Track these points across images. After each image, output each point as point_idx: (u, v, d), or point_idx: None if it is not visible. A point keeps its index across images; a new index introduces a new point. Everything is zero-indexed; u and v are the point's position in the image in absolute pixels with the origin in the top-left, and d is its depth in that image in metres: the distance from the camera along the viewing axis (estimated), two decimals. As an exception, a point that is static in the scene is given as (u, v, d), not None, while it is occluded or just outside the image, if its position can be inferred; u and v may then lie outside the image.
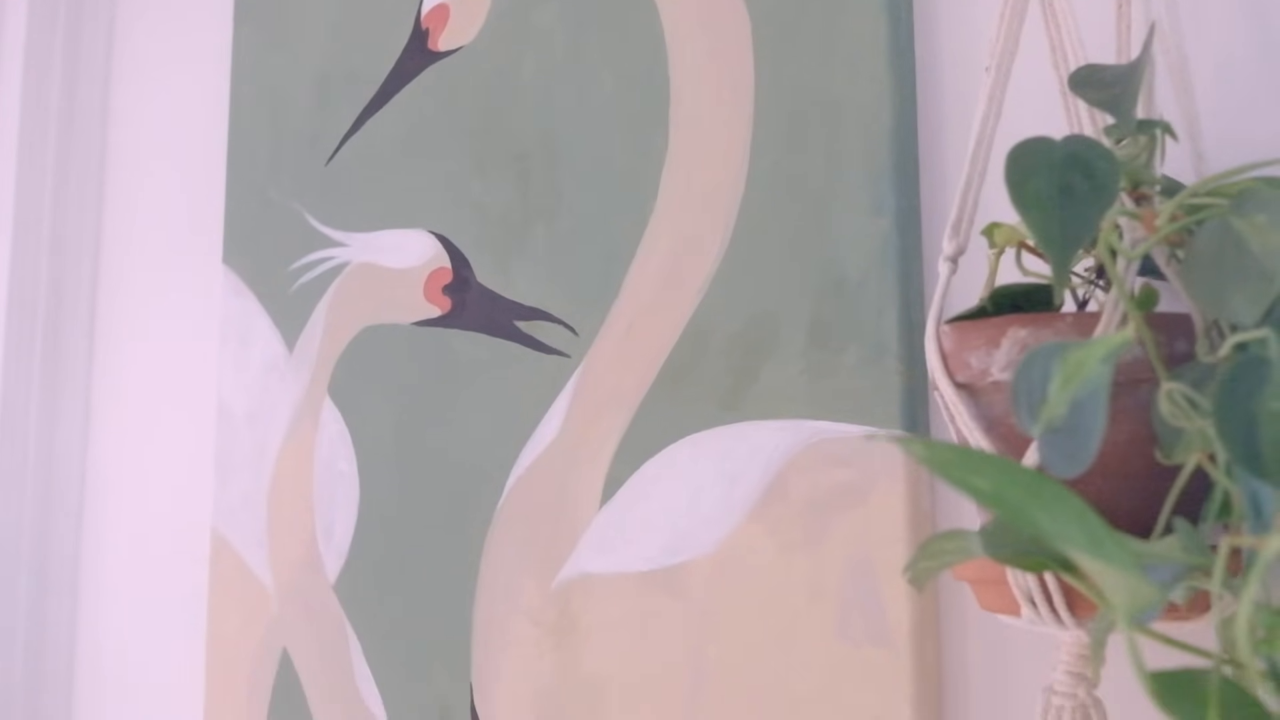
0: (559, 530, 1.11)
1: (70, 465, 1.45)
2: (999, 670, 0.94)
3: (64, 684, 1.42)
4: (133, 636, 1.40)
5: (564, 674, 1.09)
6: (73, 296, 1.48)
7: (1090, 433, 0.63)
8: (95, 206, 1.51)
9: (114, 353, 1.46)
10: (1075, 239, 0.71)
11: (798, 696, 0.98)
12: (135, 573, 1.41)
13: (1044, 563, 0.70)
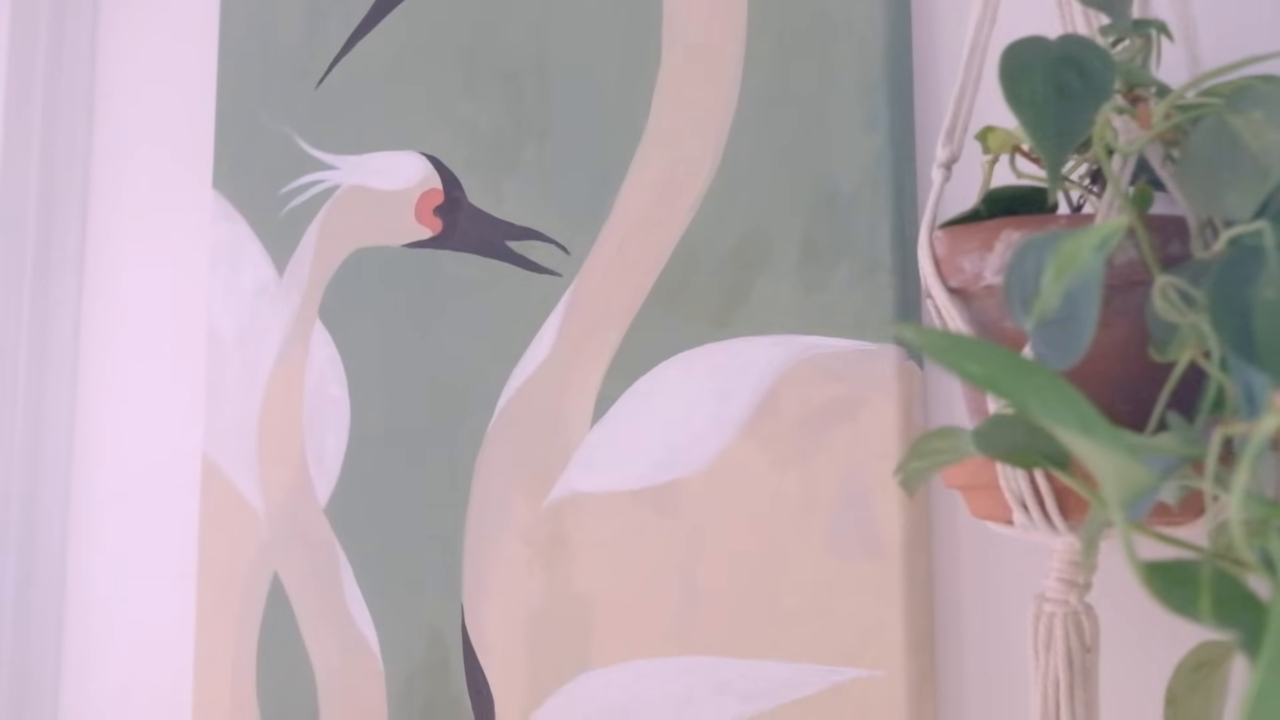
0: (550, 449, 1.11)
1: (60, 392, 1.45)
2: (990, 581, 0.94)
3: (54, 610, 1.42)
4: (123, 562, 1.39)
5: (554, 592, 1.09)
6: (62, 222, 1.47)
7: (1083, 323, 0.62)
8: (85, 132, 1.50)
9: (104, 279, 1.46)
10: (1069, 137, 0.71)
11: (789, 610, 0.98)
12: (126, 499, 1.41)
13: (1036, 460, 0.69)
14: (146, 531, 1.39)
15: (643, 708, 1.03)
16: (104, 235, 1.47)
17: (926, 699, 0.94)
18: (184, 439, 1.36)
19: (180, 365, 1.38)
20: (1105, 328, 0.76)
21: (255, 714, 1.24)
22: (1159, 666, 0.77)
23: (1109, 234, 0.60)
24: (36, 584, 1.42)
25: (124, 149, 1.47)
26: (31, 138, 1.47)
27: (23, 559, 1.41)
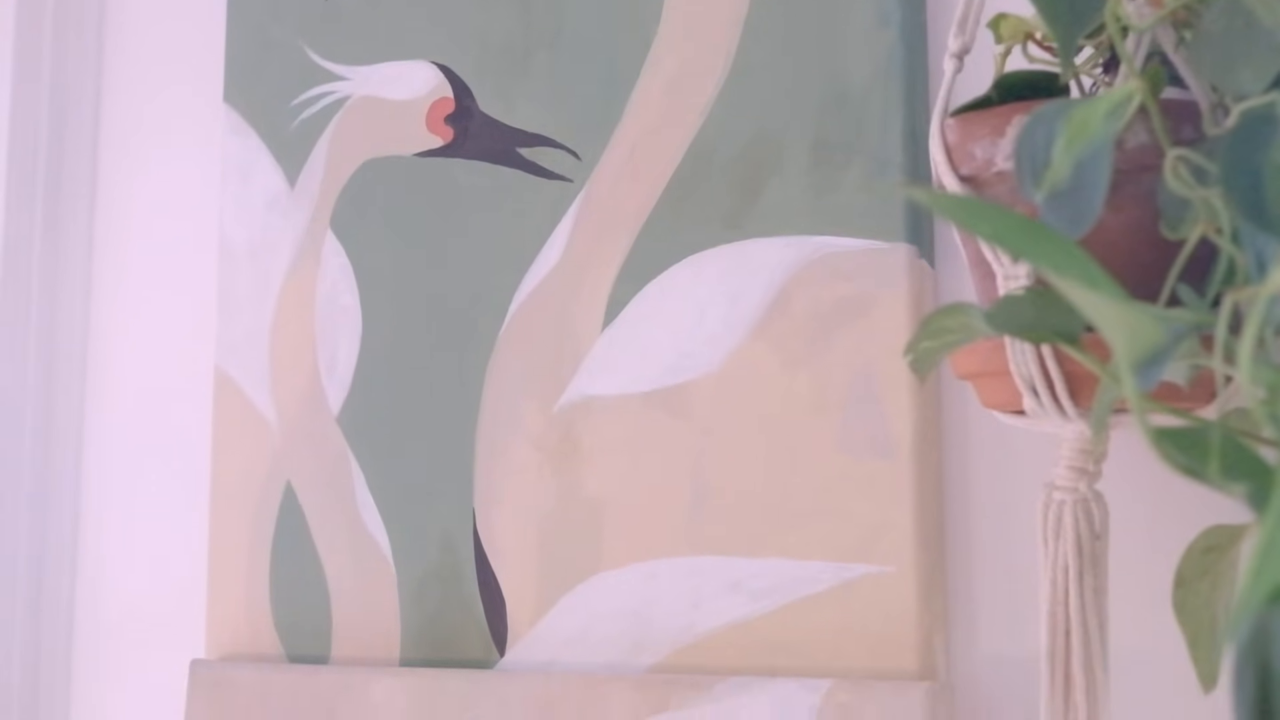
0: (561, 354, 1.11)
1: (74, 308, 1.45)
2: (1001, 476, 0.94)
3: (69, 525, 1.42)
4: (137, 475, 1.40)
5: (566, 496, 1.09)
6: (74, 141, 1.47)
7: (1094, 192, 0.62)
8: (95, 50, 1.50)
9: (116, 195, 1.46)
10: (1083, 16, 0.70)
11: (799, 510, 0.98)
12: (139, 412, 1.41)
13: (1047, 336, 0.69)
14: (160, 444, 1.39)
15: (654, 608, 1.04)
16: (115, 153, 1.47)
17: (936, 593, 0.94)
18: (196, 352, 1.37)
19: (192, 279, 1.38)
20: (1116, 212, 0.76)
21: (269, 623, 1.25)
22: (1168, 553, 0.78)
23: (1120, 100, 0.60)
24: (51, 498, 1.43)
25: (135, 66, 1.47)
26: (42, 54, 1.47)
27: (37, 474, 1.42)
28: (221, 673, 1.25)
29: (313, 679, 1.19)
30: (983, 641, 0.93)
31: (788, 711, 0.94)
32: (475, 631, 1.13)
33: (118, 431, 1.43)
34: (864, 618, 0.95)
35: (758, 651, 0.99)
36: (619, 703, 1.02)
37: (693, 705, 0.99)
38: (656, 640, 1.04)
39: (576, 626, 1.08)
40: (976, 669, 0.93)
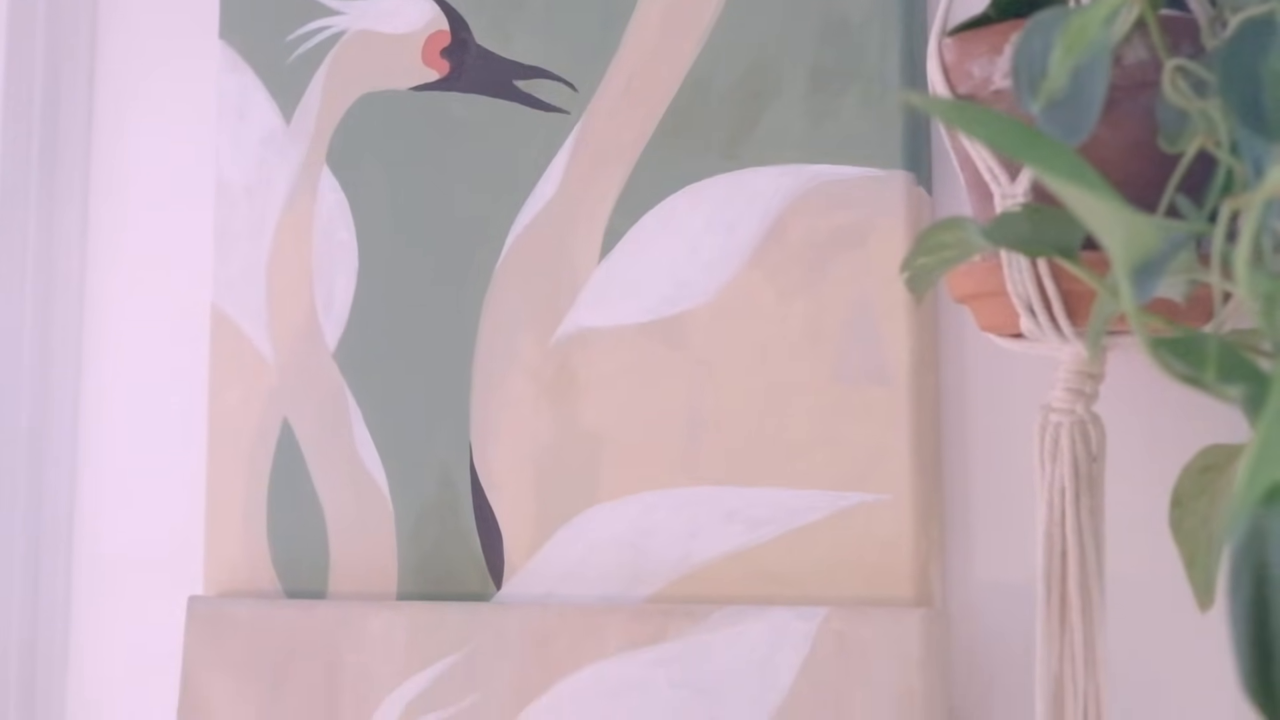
0: (557, 286, 1.11)
1: (70, 246, 1.44)
2: (997, 403, 0.94)
3: (67, 465, 1.42)
4: (135, 415, 1.40)
5: (562, 429, 1.09)
6: (70, 79, 1.47)
7: (1091, 99, 0.62)
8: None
9: (110, 135, 1.45)
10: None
11: (795, 439, 0.98)
12: (137, 352, 1.41)
13: (1044, 250, 0.69)
14: (157, 383, 1.39)
15: (650, 539, 1.04)
16: (111, 92, 1.46)
17: (932, 520, 0.94)
18: (193, 290, 1.36)
19: (188, 217, 1.38)
20: (1114, 130, 0.76)
21: (267, 559, 1.25)
22: (1165, 475, 0.77)
23: (1118, 4, 0.60)
24: (48, 437, 1.43)
25: (131, 3, 1.46)
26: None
27: (35, 413, 1.42)
28: (219, 609, 1.25)
29: (310, 613, 1.19)
30: (979, 568, 0.93)
31: (784, 639, 0.94)
32: (472, 565, 1.13)
33: (115, 371, 1.42)
34: (860, 546, 0.95)
35: (754, 581, 0.99)
36: (615, 633, 1.02)
37: (689, 634, 0.99)
38: (653, 571, 1.04)
39: (573, 559, 1.08)
40: (973, 595, 0.93)
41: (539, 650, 1.06)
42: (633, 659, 1.01)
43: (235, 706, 1.22)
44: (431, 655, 1.11)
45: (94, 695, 1.40)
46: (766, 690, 0.94)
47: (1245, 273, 0.54)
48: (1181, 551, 0.76)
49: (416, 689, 1.12)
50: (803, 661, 0.93)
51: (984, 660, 0.92)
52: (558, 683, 1.04)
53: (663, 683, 0.99)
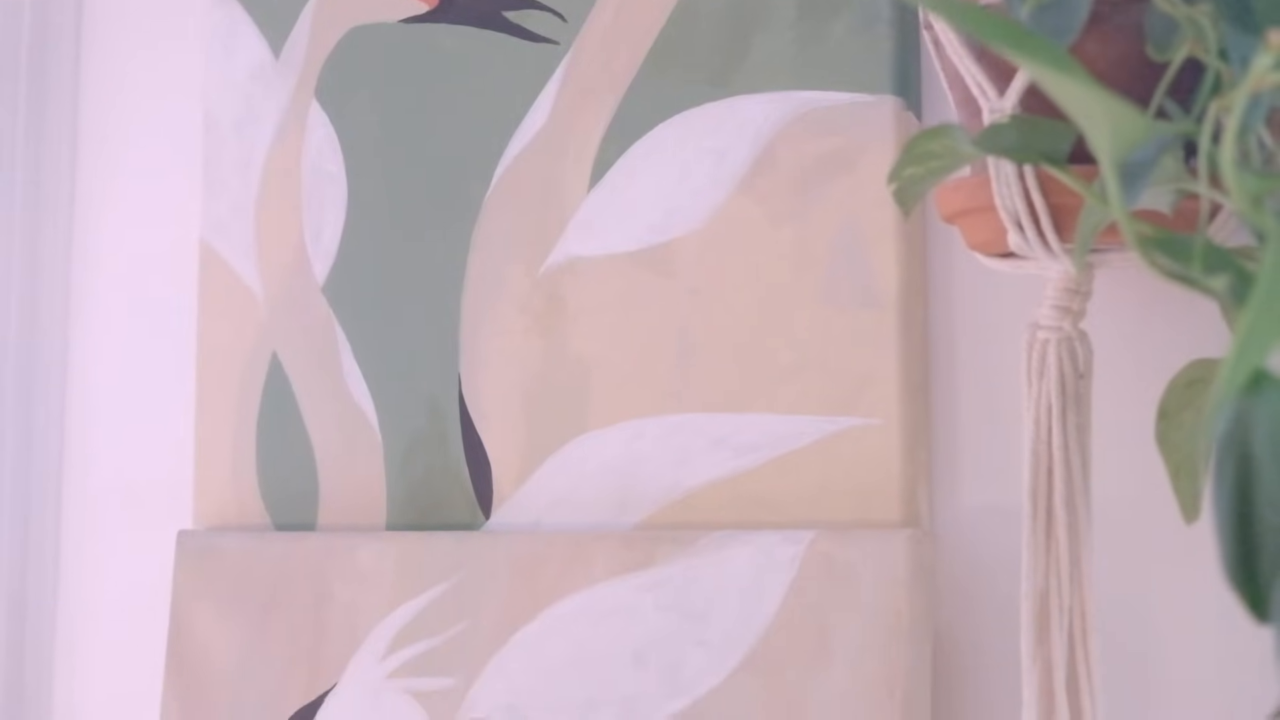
0: (547, 217, 1.11)
1: (59, 185, 1.44)
2: (986, 329, 0.94)
3: (56, 403, 1.42)
4: (124, 353, 1.40)
5: (551, 358, 1.09)
6: (57, 16, 1.46)
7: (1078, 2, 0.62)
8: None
9: (99, 69, 1.44)
10: None
11: (784, 364, 0.98)
12: (125, 290, 1.41)
13: (1032, 157, 0.69)
14: (146, 319, 1.39)
15: (639, 466, 1.04)
16: (99, 29, 1.45)
17: (921, 444, 0.94)
18: (182, 227, 1.36)
19: (177, 154, 1.37)
20: (1102, 44, 0.76)
21: (255, 493, 1.25)
22: (1151, 393, 0.78)
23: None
24: (38, 374, 1.42)
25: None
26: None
27: (24, 350, 1.42)
28: (208, 542, 1.25)
29: (299, 545, 1.19)
30: (967, 492, 0.94)
31: (771, 563, 0.94)
32: (461, 496, 1.13)
33: (104, 307, 1.42)
34: (848, 471, 0.95)
35: (743, 507, 0.99)
36: (604, 559, 1.02)
37: (676, 560, 0.99)
38: (642, 499, 1.04)
39: (562, 487, 1.08)
40: (960, 519, 0.94)
41: (527, 577, 1.06)
42: (621, 584, 1.01)
43: (224, 638, 1.22)
44: (420, 584, 1.12)
45: (83, 630, 1.40)
46: (753, 613, 0.95)
47: (1231, 170, 0.54)
48: (1168, 464, 0.76)
49: (405, 618, 1.12)
50: (790, 584, 0.94)
51: (971, 582, 0.93)
52: (546, 609, 1.04)
53: (650, 607, 0.99)
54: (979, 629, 0.92)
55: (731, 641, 0.95)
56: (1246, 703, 0.79)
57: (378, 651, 1.13)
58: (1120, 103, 0.53)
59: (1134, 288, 0.86)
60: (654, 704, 0.98)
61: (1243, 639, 0.83)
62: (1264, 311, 0.49)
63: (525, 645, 1.05)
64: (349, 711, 1.14)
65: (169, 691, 1.24)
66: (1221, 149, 0.54)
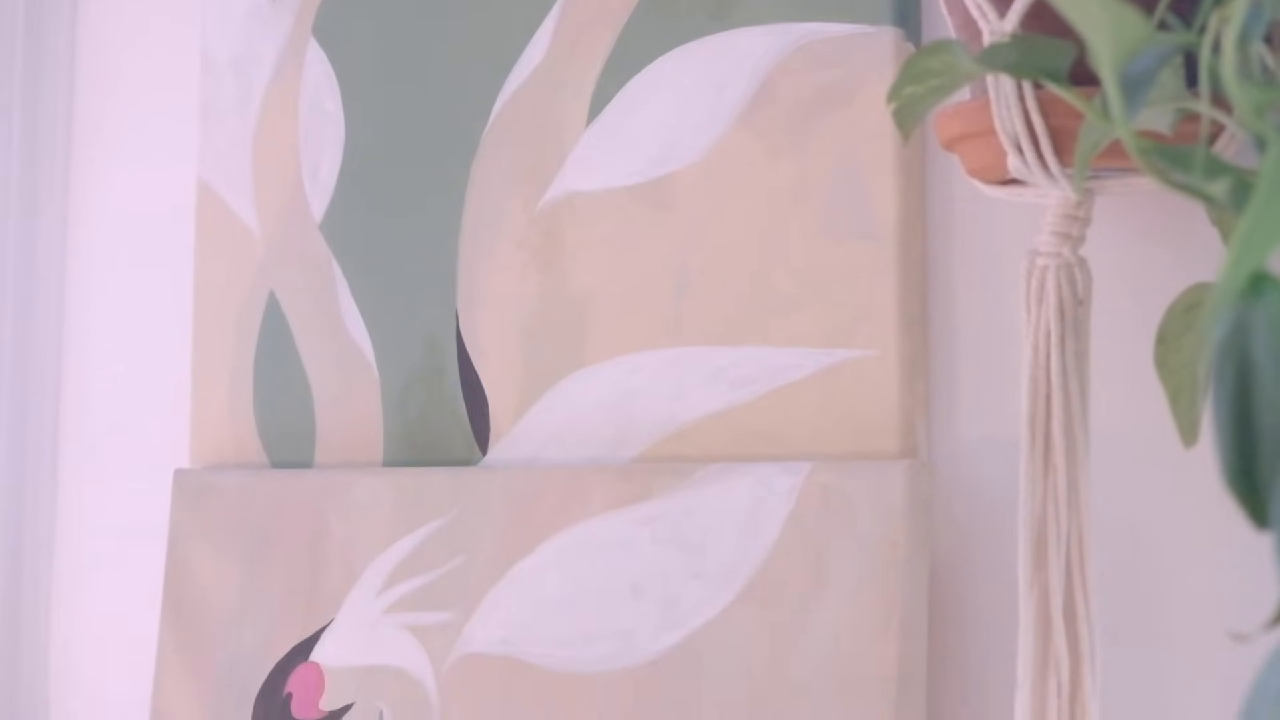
0: (545, 152, 1.10)
1: (56, 122, 1.43)
2: (985, 260, 0.94)
3: (52, 344, 1.42)
4: (120, 293, 1.40)
5: (549, 294, 1.09)
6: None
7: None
8: None
9: (96, 6, 1.44)
10: None
11: (782, 297, 0.98)
12: (122, 226, 1.40)
13: (1033, 72, 0.69)
14: (143, 257, 1.39)
15: (635, 400, 1.04)
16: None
17: (919, 376, 0.94)
18: (179, 165, 1.35)
19: (174, 91, 1.37)
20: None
21: (253, 432, 1.25)
22: (1151, 321, 0.77)
23: None
24: (35, 311, 1.42)
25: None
26: None
27: (19, 288, 1.41)
28: (204, 480, 1.25)
29: (296, 482, 1.19)
30: (965, 423, 0.94)
31: (768, 494, 0.94)
32: (458, 432, 1.13)
33: (100, 246, 1.42)
34: (846, 403, 0.95)
35: (740, 440, 0.99)
36: (601, 493, 1.02)
37: (673, 492, 0.99)
38: (638, 433, 1.04)
39: (559, 423, 1.08)
40: (958, 450, 0.94)
41: (524, 512, 1.06)
42: (617, 517, 1.01)
43: (221, 576, 1.22)
44: (417, 520, 1.11)
45: (81, 570, 1.40)
46: (750, 545, 0.94)
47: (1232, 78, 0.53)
48: (1166, 388, 0.76)
49: (402, 554, 1.12)
50: (787, 516, 0.93)
51: (968, 513, 0.93)
52: (542, 543, 1.04)
53: (647, 540, 0.99)
54: (976, 560, 0.92)
55: (729, 573, 0.95)
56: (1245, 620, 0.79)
57: (374, 587, 1.13)
58: (1122, 5, 0.52)
59: (1133, 216, 0.86)
60: (651, 636, 0.98)
61: (1241, 562, 0.82)
62: (1264, 213, 0.48)
63: (522, 579, 1.05)
64: (346, 647, 1.14)
65: (166, 629, 1.24)
66: (1222, 58, 0.54)
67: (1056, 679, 0.78)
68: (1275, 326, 0.49)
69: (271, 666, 1.18)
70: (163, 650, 1.24)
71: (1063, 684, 0.78)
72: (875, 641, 0.89)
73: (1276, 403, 0.48)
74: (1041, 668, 0.79)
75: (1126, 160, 0.76)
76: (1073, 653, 0.78)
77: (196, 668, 1.22)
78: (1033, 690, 0.79)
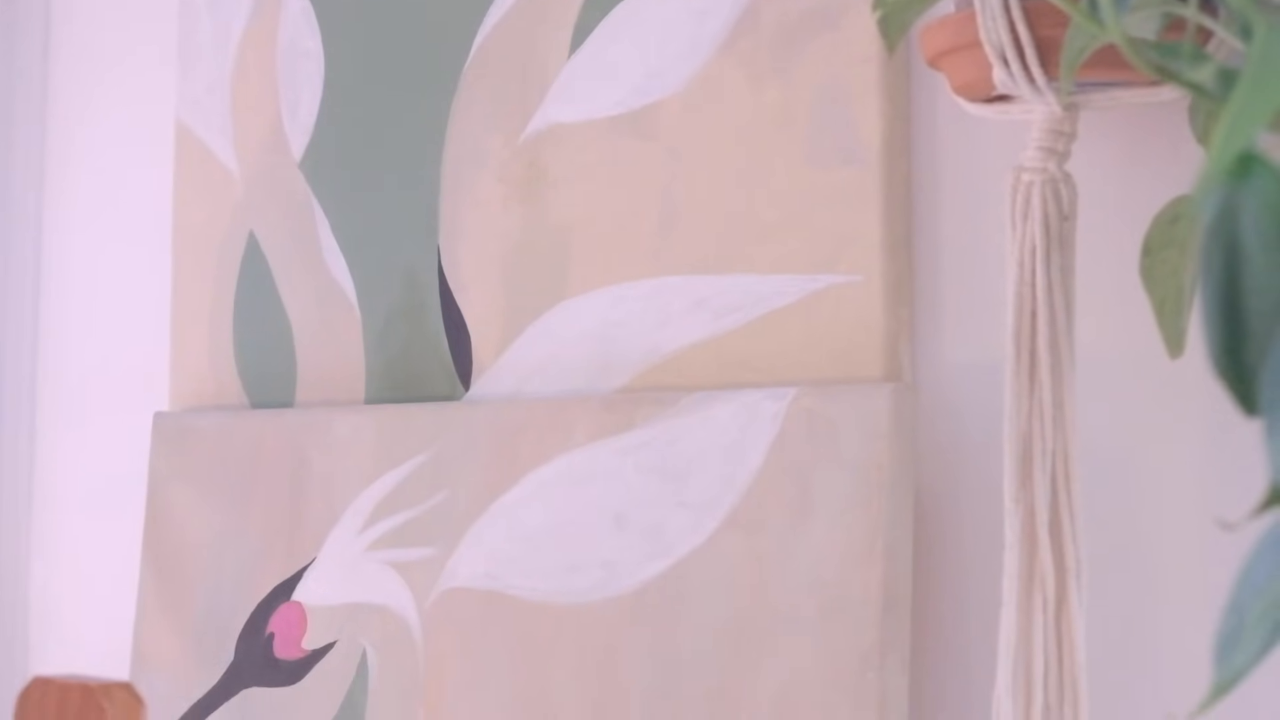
0: (527, 84, 1.09)
1: (31, 65, 1.42)
2: (970, 185, 0.93)
3: (30, 286, 1.41)
4: (99, 235, 1.39)
5: (531, 226, 1.08)
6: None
7: None
8: None
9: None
10: None
11: (766, 224, 0.97)
12: (99, 170, 1.39)
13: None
14: (121, 201, 1.38)
15: (619, 331, 1.03)
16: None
17: (903, 301, 0.94)
18: (156, 107, 1.35)
19: (151, 34, 1.36)
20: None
21: (233, 373, 1.24)
22: (1135, 237, 0.77)
23: None
24: (11, 258, 1.41)
25: None
26: None
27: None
28: (184, 423, 1.24)
29: (277, 422, 1.19)
30: (950, 348, 0.93)
31: (753, 420, 0.94)
32: (440, 367, 1.12)
33: (78, 191, 1.41)
34: (830, 329, 0.94)
35: (724, 368, 0.98)
36: (584, 424, 1.02)
37: (657, 421, 0.98)
38: (622, 363, 1.03)
39: (542, 356, 1.07)
40: (943, 375, 0.93)
41: (506, 445, 1.05)
42: (601, 448, 1.00)
43: (202, 518, 1.21)
44: (399, 456, 1.11)
45: (60, 513, 1.39)
46: (735, 471, 0.94)
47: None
48: (1151, 300, 0.76)
49: (383, 490, 1.11)
50: (772, 441, 0.93)
51: (953, 438, 0.92)
52: (525, 476, 1.04)
53: (630, 470, 0.99)
54: (961, 484, 0.92)
55: (713, 501, 0.95)
56: (1231, 539, 0.79)
57: (356, 525, 1.12)
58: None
59: (1118, 134, 0.86)
60: (635, 566, 0.97)
61: (1229, 474, 0.82)
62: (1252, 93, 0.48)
63: (504, 513, 1.04)
64: (328, 585, 1.13)
65: (147, 572, 1.24)
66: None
67: (1042, 594, 0.78)
68: (1264, 208, 0.48)
69: (253, 607, 1.17)
70: (143, 592, 1.23)
71: (1048, 599, 0.78)
72: (860, 565, 0.89)
73: (1265, 286, 0.48)
74: (1027, 584, 0.79)
75: (1112, 72, 0.76)
76: (1058, 568, 0.78)
77: (177, 610, 1.21)
78: (1018, 607, 0.79)
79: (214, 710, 1.17)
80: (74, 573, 1.38)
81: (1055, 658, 0.78)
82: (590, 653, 0.98)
